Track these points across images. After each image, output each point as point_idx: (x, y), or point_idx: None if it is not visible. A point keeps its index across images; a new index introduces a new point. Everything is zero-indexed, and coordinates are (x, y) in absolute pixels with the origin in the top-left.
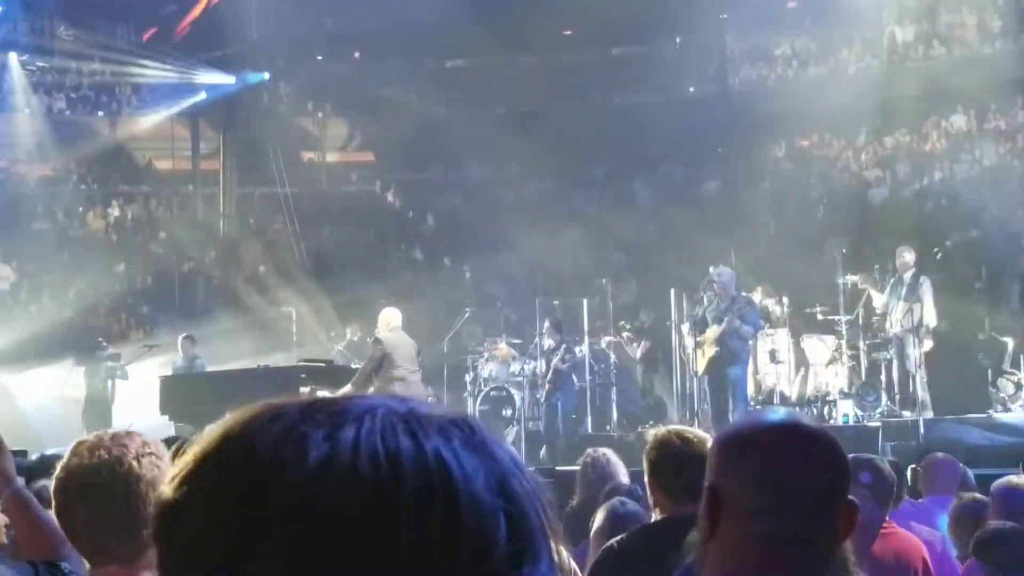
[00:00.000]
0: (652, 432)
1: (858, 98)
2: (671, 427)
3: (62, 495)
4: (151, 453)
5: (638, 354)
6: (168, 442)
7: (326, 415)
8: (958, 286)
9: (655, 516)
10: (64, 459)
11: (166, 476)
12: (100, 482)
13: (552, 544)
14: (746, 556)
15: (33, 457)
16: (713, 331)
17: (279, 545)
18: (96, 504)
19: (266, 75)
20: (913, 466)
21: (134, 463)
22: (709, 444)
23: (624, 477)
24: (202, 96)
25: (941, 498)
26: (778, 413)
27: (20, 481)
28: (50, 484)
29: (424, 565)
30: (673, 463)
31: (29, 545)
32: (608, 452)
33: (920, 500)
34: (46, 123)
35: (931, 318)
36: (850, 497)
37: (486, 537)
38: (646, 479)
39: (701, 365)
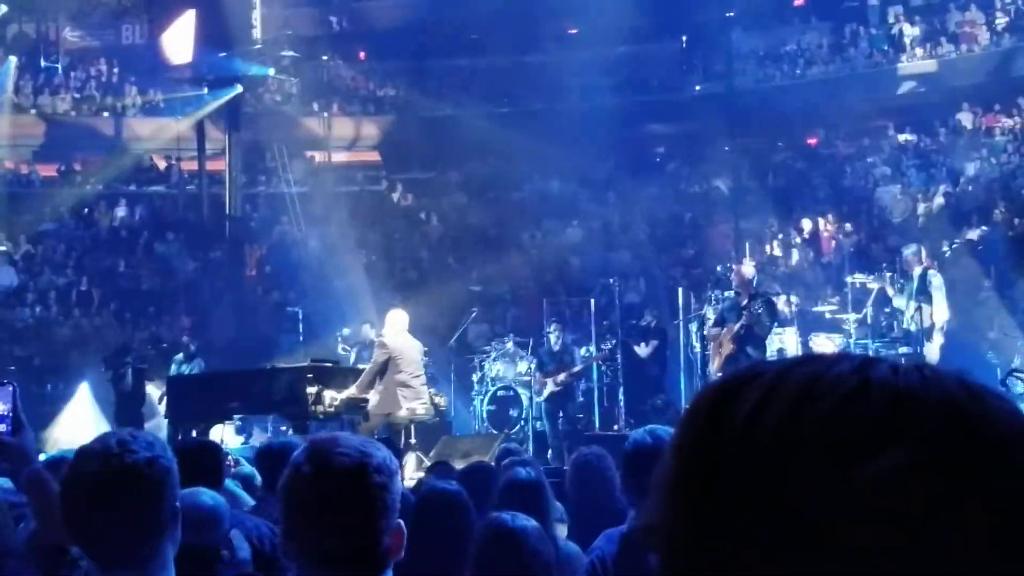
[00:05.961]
0: (631, 433)
1: (866, 97)
2: (647, 427)
3: (78, 502)
4: (161, 455)
5: (646, 353)
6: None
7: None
8: (968, 284)
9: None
10: (75, 465)
11: (177, 476)
12: (123, 487)
13: None
14: None
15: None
16: (730, 329)
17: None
18: (118, 509)
19: (271, 71)
20: None
21: (151, 465)
22: None
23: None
24: (207, 99)
25: None
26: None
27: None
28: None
29: None
30: (647, 464)
31: (44, 525)
32: (599, 450)
33: None
34: (51, 124)
35: (941, 315)
36: None
37: None
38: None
39: (716, 363)
